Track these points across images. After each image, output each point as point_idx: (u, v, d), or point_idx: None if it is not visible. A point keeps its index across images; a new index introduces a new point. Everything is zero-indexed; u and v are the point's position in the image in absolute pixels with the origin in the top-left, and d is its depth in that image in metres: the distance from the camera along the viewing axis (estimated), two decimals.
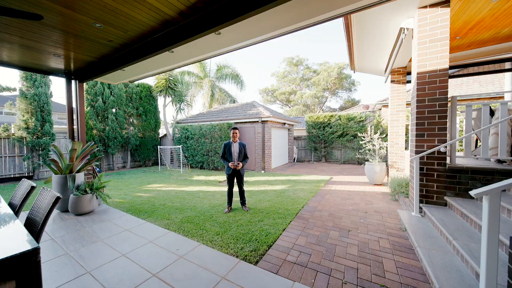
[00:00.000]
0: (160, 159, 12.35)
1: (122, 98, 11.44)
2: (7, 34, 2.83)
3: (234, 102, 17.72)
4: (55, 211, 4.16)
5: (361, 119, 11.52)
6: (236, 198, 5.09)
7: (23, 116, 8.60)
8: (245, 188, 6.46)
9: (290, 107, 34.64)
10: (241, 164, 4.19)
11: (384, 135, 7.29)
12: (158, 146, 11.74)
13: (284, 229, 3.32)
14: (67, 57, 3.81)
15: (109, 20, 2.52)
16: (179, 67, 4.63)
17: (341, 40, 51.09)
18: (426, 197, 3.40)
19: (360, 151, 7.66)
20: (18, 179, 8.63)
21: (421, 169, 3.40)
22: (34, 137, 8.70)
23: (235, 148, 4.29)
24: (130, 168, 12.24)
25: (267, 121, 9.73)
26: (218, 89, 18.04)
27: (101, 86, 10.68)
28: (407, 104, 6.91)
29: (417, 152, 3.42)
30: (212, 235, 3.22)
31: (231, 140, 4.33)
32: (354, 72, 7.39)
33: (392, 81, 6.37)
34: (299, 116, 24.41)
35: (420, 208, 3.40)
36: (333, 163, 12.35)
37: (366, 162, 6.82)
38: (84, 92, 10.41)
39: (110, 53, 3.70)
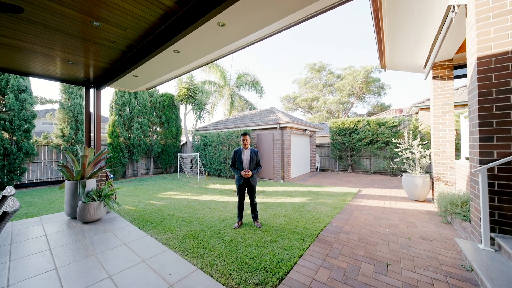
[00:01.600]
0: (180, 166, 12.51)
1: (146, 107, 12.01)
2: (16, 40, 2.88)
3: (254, 109, 17.54)
4: (66, 218, 4.14)
5: (394, 124, 10.21)
6: (248, 211, 4.59)
7: (60, 125, 9.45)
8: (261, 199, 5.92)
9: (312, 114, 33.45)
10: (251, 173, 3.71)
11: (426, 142, 6.15)
12: (178, 154, 11.91)
13: (300, 256, 2.69)
14: (81, 64, 3.87)
15: (104, 16, 2.36)
16: (189, 70, 4.44)
17: (367, 48, 48.22)
18: (500, 224, 2.47)
19: (395, 160, 6.58)
20: (54, 183, 9.37)
21: (490, 184, 2.51)
22: (68, 144, 9.44)
23: (246, 156, 3.84)
24: (153, 174, 12.61)
25: (286, 127, 9.16)
26: (238, 97, 18.11)
27: (128, 96, 11.36)
28: (456, 105, 5.73)
29: (482, 162, 2.55)
30: (214, 256, 2.74)
31: (241, 147, 3.90)
32: (385, 71, 6.51)
33: (434, 78, 5.37)
34: (322, 123, 23.22)
35: (492, 238, 2.48)
36: (362, 173, 11.09)
37: (403, 174, 5.76)
38: (114, 103, 11.24)
39: (119, 58, 3.64)
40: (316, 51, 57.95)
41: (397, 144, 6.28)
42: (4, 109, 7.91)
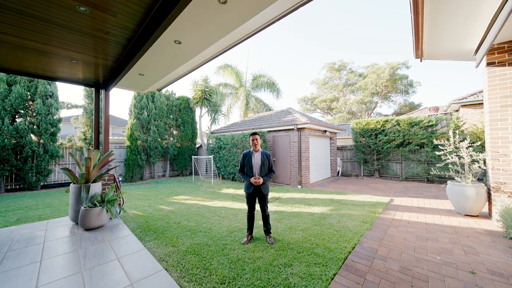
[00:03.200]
0: (195, 169, 12.41)
1: (163, 110, 12.16)
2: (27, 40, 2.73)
3: (270, 111, 17.02)
4: (71, 223, 3.99)
5: (430, 123, 8.93)
6: (259, 221, 4.06)
7: (83, 128, 9.88)
8: (275, 207, 5.33)
9: (332, 115, 31.90)
10: (262, 180, 3.18)
11: (477, 143, 5.07)
12: (193, 156, 11.81)
13: None
14: (86, 64, 3.72)
15: None
16: (197, 66, 4.10)
17: (390, 53, 44.42)
18: None
19: (437, 165, 5.57)
20: None
21: None
22: (90, 146, 9.82)
23: (256, 160, 3.32)
24: (169, 177, 12.68)
25: (304, 128, 8.48)
26: (254, 99, 17.74)
27: (146, 100, 11.59)
28: None
29: None
30: (215, 282, 2.25)
31: (251, 150, 3.39)
32: (421, 61, 5.58)
33: (489, 64, 4.38)
34: (343, 124, 21.87)
35: None
36: (391, 180, 9.89)
37: (449, 182, 4.78)
38: (133, 107, 11.54)
39: (121, 53, 3.40)
40: (335, 55, 55.52)
41: (440, 147, 5.27)
42: (33, 114, 8.42)
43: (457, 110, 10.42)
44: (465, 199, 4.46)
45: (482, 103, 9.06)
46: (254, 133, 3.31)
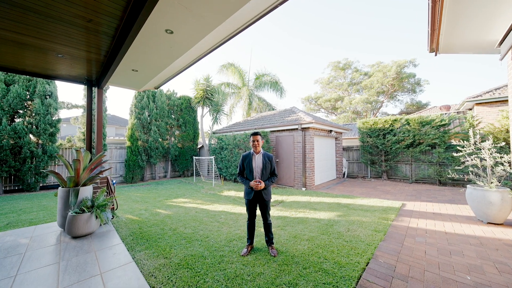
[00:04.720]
0: (196, 170, 12.15)
1: (164, 110, 11.94)
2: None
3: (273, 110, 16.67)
4: (59, 229, 3.74)
5: (443, 122, 8.44)
6: (261, 228, 3.75)
7: (83, 129, 9.72)
8: (278, 212, 4.99)
9: (336, 115, 31.34)
10: (263, 184, 2.85)
11: (502, 143, 4.64)
12: (194, 157, 11.55)
13: None
14: (74, 58, 3.45)
15: None
16: (194, 60, 3.80)
17: (395, 52, 42.86)
18: None
19: (455, 167, 5.13)
20: None
21: None
22: (80, 147, 9.66)
23: (257, 162, 3.00)
24: (170, 178, 12.46)
25: (308, 128, 8.11)
26: (257, 98, 17.42)
27: (147, 100, 11.38)
28: None
29: None
30: None
31: (251, 151, 3.07)
32: (436, 55, 5.16)
33: None
34: (349, 123, 21.33)
35: None
36: (400, 182, 9.43)
37: (468, 186, 4.36)
38: (134, 106, 11.35)
39: (109, 45, 3.12)
40: (341, 54, 54.59)
41: (458, 147, 4.85)
42: (32, 114, 8.27)
43: (471, 109, 9.88)
44: (488, 205, 4.04)
45: (499, 101, 8.53)
46: (255, 133, 2.99)
